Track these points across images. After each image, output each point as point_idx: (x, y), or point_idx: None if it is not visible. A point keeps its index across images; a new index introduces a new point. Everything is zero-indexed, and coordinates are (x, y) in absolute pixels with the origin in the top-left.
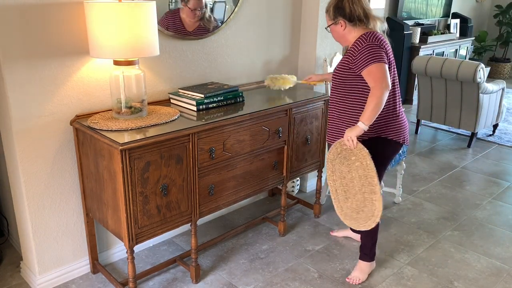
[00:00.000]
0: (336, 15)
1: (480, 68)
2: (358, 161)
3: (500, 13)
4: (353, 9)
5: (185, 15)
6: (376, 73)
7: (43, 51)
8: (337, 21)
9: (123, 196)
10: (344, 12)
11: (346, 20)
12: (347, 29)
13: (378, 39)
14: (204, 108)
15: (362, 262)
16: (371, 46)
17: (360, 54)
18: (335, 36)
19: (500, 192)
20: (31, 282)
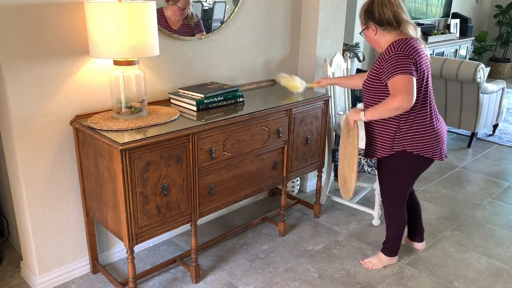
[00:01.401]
0: (366, 19)
1: (480, 68)
2: (352, 137)
3: (500, 13)
4: (382, 13)
5: (171, 13)
6: (399, 85)
7: (43, 51)
8: (368, 26)
9: (123, 196)
10: (374, 16)
11: (376, 24)
12: (378, 33)
13: (408, 47)
14: (204, 108)
15: (382, 254)
16: (398, 56)
17: (387, 63)
18: (368, 41)
19: (500, 192)
20: (31, 282)
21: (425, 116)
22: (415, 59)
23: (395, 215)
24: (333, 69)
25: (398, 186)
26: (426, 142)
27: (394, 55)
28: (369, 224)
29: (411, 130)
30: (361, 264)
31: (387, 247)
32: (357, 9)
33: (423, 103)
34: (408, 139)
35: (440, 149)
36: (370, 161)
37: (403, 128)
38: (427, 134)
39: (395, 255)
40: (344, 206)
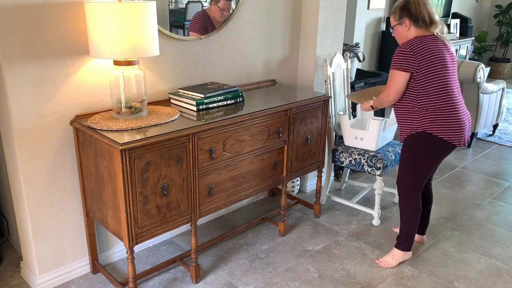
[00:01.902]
0: (402, 15)
1: (480, 68)
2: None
3: (500, 13)
4: (419, 11)
5: (213, 13)
6: (390, 78)
7: (43, 51)
8: (402, 21)
9: (123, 196)
10: (410, 13)
11: (412, 20)
12: (410, 29)
13: (417, 45)
14: (204, 108)
15: (396, 250)
16: (401, 52)
17: (394, 56)
18: (398, 38)
19: (500, 192)
20: (31, 282)
21: (446, 103)
22: (418, 56)
23: (411, 203)
24: (333, 69)
25: (417, 170)
26: (446, 126)
27: (398, 50)
28: (369, 224)
29: (432, 114)
30: (368, 264)
31: (401, 241)
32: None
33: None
34: (428, 122)
35: (460, 135)
36: (370, 161)
37: (424, 112)
38: (448, 119)
39: (409, 249)
40: (344, 206)
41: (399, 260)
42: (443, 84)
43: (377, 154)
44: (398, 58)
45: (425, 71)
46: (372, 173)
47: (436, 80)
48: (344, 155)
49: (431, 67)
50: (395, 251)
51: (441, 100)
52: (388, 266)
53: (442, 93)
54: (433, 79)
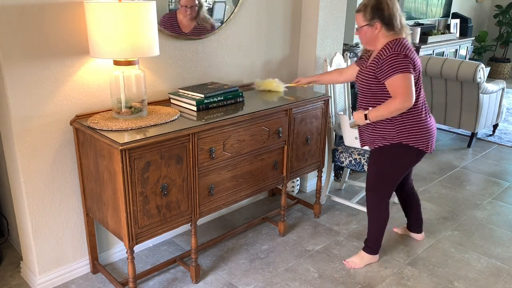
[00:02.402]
0: (373, 16)
1: (480, 68)
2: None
3: (500, 13)
4: (392, 12)
5: (181, 15)
6: (399, 85)
7: (43, 51)
8: (372, 23)
9: (123, 196)
10: (383, 14)
11: (383, 23)
12: (381, 33)
13: (405, 48)
14: (204, 108)
15: (364, 252)
16: (397, 55)
17: (385, 62)
18: (364, 39)
19: (500, 192)
20: (31, 282)
21: (419, 111)
22: (412, 58)
23: (380, 210)
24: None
25: (389, 179)
26: (420, 135)
27: (392, 55)
28: None
29: (408, 123)
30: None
31: (369, 245)
32: None
33: (417, 99)
34: (404, 132)
35: (431, 143)
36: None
37: (399, 121)
38: (421, 127)
39: (377, 253)
40: (344, 206)
41: (366, 262)
42: (419, 93)
43: None
44: (402, 62)
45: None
46: None
47: (417, 88)
48: (344, 155)
49: (417, 73)
50: (363, 253)
51: (418, 109)
52: (354, 267)
53: (419, 101)
54: (417, 85)
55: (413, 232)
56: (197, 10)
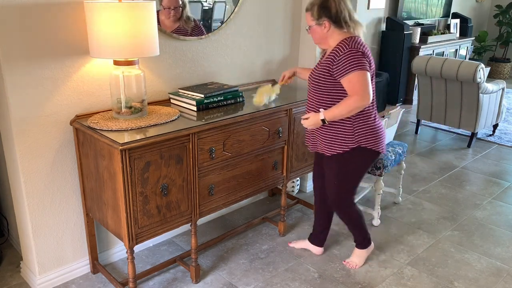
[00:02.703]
0: (320, 14)
1: (480, 68)
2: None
3: (500, 13)
4: (339, 10)
5: (164, 16)
6: (357, 82)
7: (43, 51)
8: (321, 22)
9: (123, 196)
10: (330, 12)
11: (331, 21)
12: (331, 31)
13: (361, 45)
14: (204, 108)
15: (358, 250)
16: (353, 53)
17: (341, 60)
18: (315, 38)
19: (500, 192)
20: (31, 282)
21: (374, 112)
22: (368, 56)
23: (351, 213)
24: None
25: (352, 184)
26: (376, 136)
27: (348, 52)
28: (369, 224)
29: (366, 125)
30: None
31: (360, 241)
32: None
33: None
34: (362, 134)
35: (384, 143)
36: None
37: (358, 124)
38: (377, 129)
39: (370, 243)
40: None
41: (364, 257)
42: (374, 92)
43: None
44: (355, 59)
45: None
46: (372, 173)
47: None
48: None
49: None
50: (358, 251)
51: (372, 110)
52: (355, 267)
53: (373, 102)
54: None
55: (313, 244)
56: (181, 11)
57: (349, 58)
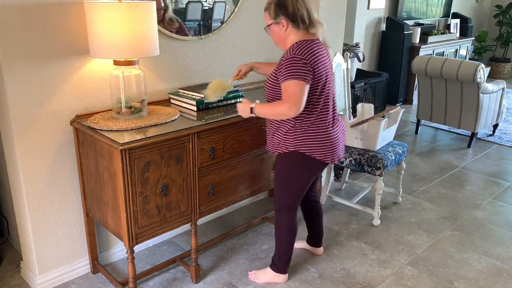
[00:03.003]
0: (277, 13)
1: (480, 68)
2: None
3: (500, 13)
4: (296, 8)
5: None
6: (290, 91)
7: (43, 51)
8: (278, 21)
9: (123, 196)
10: (287, 10)
11: (288, 19)
12: (289, 30)
13: (307, 51)
14: (204, 108)
15: (269, 269)
16: (295, 60)
17: (284, 65)
18: (274, 38)
19: (500, 192)
20: (31, 282)
21: (324, 120)
22: (312, 64)
23: (284, 222)
24: (333, 69)
25: (290, 189)
26: (320, 145)
27: (291, 58)
28: (369, 224)
29: (307, 132)
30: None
31: (275, 261)
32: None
33: (324, 106)
34: (301, 140)
35: (333, 153)
36: (370, 161)
37: (299, 129)
38: (322, 138)
39: (283, 272)
40: (344, 206)
41: (268, 280)
42: (324, 100)
43: (377, 154)
44: (296, 67)
45: (315, 84)
46: (372, 173)
47: (321, 96)
48: (344, 155)
49: (319, 80)
50: (268, 269)
51: (321, 118)
52: (254, 279)
53: (323, 109)
54: (318, 94)
55: (311, 245)
56: (163, 14)
57: (289, 65)
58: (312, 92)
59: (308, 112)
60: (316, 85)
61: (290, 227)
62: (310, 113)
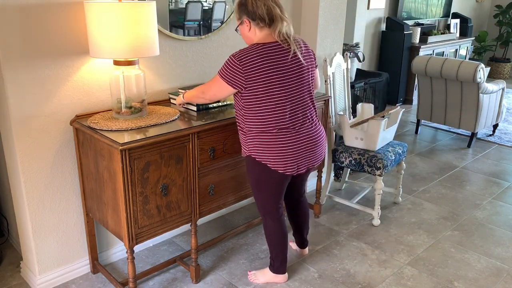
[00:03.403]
0: (240, 13)
1: (480, 68)
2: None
3: (500, 13)
4: (256, 6)
5: None
6: (211, 81)
7: (43, 51)
8: (242, 20)
9: (123, 196)
10: (247, 9)
11: (249, 18)
12: (252, 29)
13: (247, 56)
14: (204, 108)
15: (267, 269)
16: (228, 60)
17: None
18: (244, 39)
19: (500, 192)
20: (31, 282)
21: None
22: (246, 72)
23: (268, 229)
24: (333, 69)
25: (260, 194)
26: (270, 153)
27: (228, 59)
28: (369, 224)
29: (256, 138)
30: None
31: (271, 262)
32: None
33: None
34: (253, 146)
35: (287, 163)
36: (370, 161)
37: (249, 134)
38: (271, 146)
39: (280, 273)
40: (344, 206)
41: (267, 280)
42: (274, 104)
43: (377, 154)
44: (227, 69)
45: (252, 90)
46: (372, 173)
47: (263, 100)
48: (344, 155)
49: (259, 85)
50: (266, 270)
51: (269, 126)
52: (253, 281)
53: (272, 115)
54: (260, 98)
55: (297, 245)
56: None
57: (225, 64)
58: (251, 96)
59: (253, 116)
60: (254, 89)
61: (276, 230)
62: (256, 117)
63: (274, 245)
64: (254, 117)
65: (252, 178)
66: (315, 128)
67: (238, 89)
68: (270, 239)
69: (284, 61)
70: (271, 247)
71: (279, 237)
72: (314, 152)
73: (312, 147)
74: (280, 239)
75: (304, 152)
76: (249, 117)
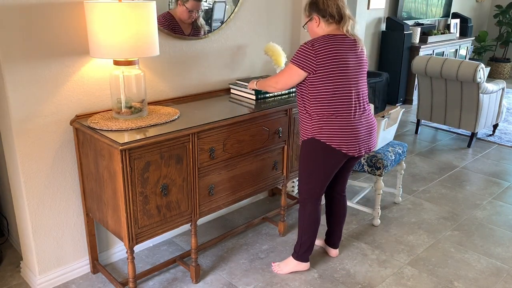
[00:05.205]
0: (310, 11)
1: (480, 68)
2: None
3: (500, 13)
4: (327, 5)
5: (180, 15)
6: (284, 70)
7: (43, 51)
8: (311, 17)
9: (123, 196)
10: (318, 7)
11: (320, 15)
12: (321, 25)
13: (319, 44)
14: (261, 98)
15: (291, 258)
16: (300, 48)
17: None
18: (310, 34)
19: (500, 192)
20: (31, 282)
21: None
22: (319, 54)
23: (306, 211)
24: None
25: (311, 177)
26: (336, 134)
27: (300, 47)
28: (369, 224)
29: (322, 120)
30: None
31: (296, 249)
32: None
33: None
34: (318, 127)
35: (350, 144)
36: (370, 161)
37: (315, 117)
38: (338, 127)
39: (305, 260)
40: None
41: (291, 269)
42: (341, 90)
43: (377, 154)
44: (299, 54)
45: (321, 75)
46: (372, 173)
47: (331, 85)
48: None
49: (329, 70)
50: (290, 259)
51: (338, 107)
52: (278, 272)
53: (339, 99)
54: (328, 83)
55: (328, 245)
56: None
57: (298, 51)
58: (320, 80)
59: (321, 100)
60: (325, 74)
61: (312, 216)
62: (324, 101)
63: (305, 230)
64: (322, 99)
65: (309, 160)
66: (371, 118)
67: (308, 72)
68: (304, 224)
69: (352, 52)
70: (302, 232)
71: (313, 223)
72: (371, 137)
73: (370, 133)
74: (314, 225)
75: (364, 136)
76: (316, 101)
